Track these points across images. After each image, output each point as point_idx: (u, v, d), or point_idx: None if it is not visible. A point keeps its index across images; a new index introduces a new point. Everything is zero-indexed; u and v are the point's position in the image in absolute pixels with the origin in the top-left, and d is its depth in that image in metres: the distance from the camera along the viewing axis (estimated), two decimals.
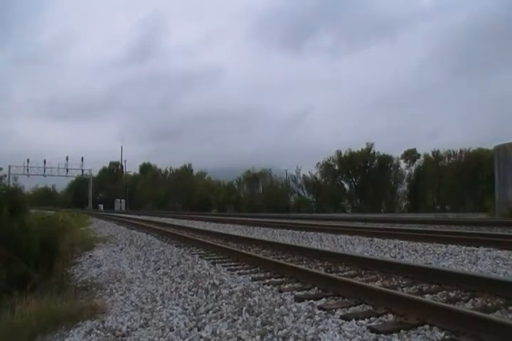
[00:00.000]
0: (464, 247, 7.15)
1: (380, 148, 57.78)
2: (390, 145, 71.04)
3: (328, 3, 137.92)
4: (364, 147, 57.45)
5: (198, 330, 3.23)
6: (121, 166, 70.75)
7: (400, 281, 4.49)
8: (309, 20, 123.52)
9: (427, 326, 2.95)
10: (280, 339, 2.90)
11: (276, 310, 3.53)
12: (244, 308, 3.62)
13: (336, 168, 59.63)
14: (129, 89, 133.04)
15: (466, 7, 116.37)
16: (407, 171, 57.57)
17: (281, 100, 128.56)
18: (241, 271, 5.49)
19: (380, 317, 3.23)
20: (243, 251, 7.20)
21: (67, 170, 66.12)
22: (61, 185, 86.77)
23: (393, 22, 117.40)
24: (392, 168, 57.63)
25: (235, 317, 3.44)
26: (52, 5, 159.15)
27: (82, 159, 66.59)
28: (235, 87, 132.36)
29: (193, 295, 4.36)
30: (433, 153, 55.43)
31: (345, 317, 3.24)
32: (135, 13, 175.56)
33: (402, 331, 2.88)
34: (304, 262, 6.05)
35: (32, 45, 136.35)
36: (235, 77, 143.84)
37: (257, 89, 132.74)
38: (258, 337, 2.96)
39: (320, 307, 3.54)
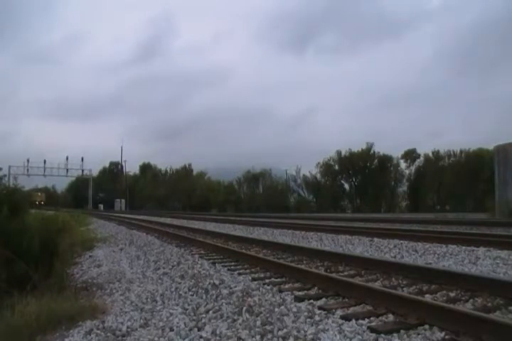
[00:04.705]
0: (464, 247, 7.15)
1: (380, 148, 57.84)
2: (390, 145, 71.16)
3: (334, 4, 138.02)
4: (364, 147, 57.47)
5: (198, 330, 3.23)
6: (121, 166, 70.80)
7: (400, 281, 4.50)
8: (315, 20, 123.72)
9: (427, 326, 2.95)
10: (280, 339, 2.90)
11: (276, 310, 3.53)
12: (244, 308, 3.62)
13: (336, 168, 59.57)
14: (134, 90, 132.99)
15: (470, 8, 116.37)
16: (407, 171, 57.54)
17: (282, 100, 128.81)
18: (241, 271, 5.49)
19: (380, 317, 3.23)
20: (243, 251, 7.20)
21: (67, 170, 66.18)
22: (61, 185, 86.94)
23: (397, 23, 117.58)
24: (392, 168, 57.55)
25: (235, 317, 3.44)
26: (60, 4, 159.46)
27: (82, 159, 66.76)
28: (239, 87, 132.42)
29: (193, 295, 4.36)
30: (433, 153, 55.41)
31: (346, 317, 3.24)
32: (144, 13, 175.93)
33: (402, 331, 2.88)
34: (304, 262, 6.05)
35: (38, 44, 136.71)
36: (239, 77, 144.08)
37: (260, 89, 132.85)
38: (258, 337, 2.96)
39: (320, 307, 3.55)
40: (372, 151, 57.46)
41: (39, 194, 68.72)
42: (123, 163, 69.33)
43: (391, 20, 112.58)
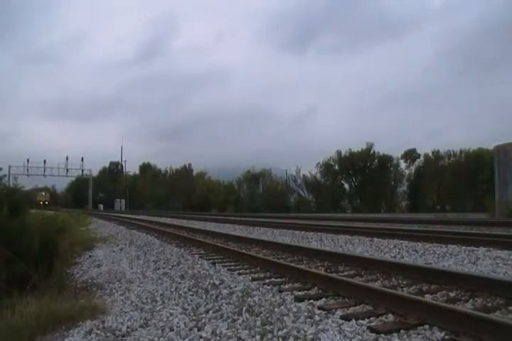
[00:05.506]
0: (463, 247, 7.15)
1: (380, 148, 57.90)
2: (390, 145, 71.15)
3: (335, 4, 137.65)
4: (364, 147, 57.53)
5: (198, 330, 3.23)
6: (121, 166, 70.92)
7: (400, 281, 4.50)
8: (316, 20, 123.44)
9: (426, 326, 2.95)
10: (280, 339, 2.90)
11: (276, 310, 3.53)
12: (244, 308, 3.62)
13: (336, 168, 59.63)
14: (135, 90, 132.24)
15: (471, 8, 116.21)
16: (407, 171, 57.65)
17: (282, 100, 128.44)
18: (241, 271, 5.49)
19: (380, 317, 3.23)
20: (243, 251, 7.20)
21: (67, 170, 66.07)
22: (61, 185, 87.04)
23: (398, 23, 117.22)
24: (392, 168, 57.61)
25: (235, 317, 3.44)
26: (61, 4, 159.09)
27: (82, 159, 66.66)
28: (239, 87, 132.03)
29: (193, 295, 4.36)
30: (433, 153, 55.46)
31: (345, 317, 3.24)
32: (145, 13, 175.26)
33: (402, 331, 2.88)
34: (304, 262, 6.05)
35: (39, 44, 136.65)
36: (240, 77, 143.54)
37: (260, 89, 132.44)
38: (258, 337, 2.96)
39: (320, 307, 3.55)
40: (372, 151, 57.55)
41: (43, 194, 68.73)
42: (123, 163, 69.55)
43: (392, 20, 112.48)
